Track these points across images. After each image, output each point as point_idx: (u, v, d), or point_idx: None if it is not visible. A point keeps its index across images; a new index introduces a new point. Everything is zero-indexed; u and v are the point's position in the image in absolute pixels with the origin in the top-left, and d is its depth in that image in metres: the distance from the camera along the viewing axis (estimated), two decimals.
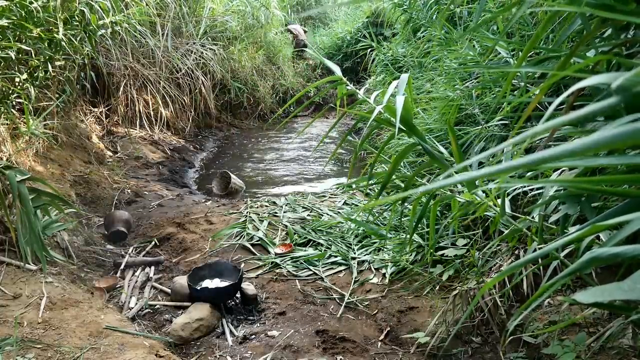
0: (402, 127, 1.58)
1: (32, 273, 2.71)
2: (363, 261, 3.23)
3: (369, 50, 7.02)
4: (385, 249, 3.28)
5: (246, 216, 3.96)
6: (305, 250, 3.43)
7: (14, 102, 3.37)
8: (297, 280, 3.08)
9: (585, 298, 0.64)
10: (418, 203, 2.00)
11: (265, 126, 8.20)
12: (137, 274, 3.22)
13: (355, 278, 3.04)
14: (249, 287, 2.90)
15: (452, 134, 1.53)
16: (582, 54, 1.26)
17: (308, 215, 4.03)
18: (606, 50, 1.12)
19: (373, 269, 3.12)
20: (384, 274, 3.03)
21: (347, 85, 1.80)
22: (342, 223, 3.77)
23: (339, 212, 4.05)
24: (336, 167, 6.27)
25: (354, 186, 4.26)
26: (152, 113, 6.37)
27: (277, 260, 3.29)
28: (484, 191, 1.72)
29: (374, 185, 3.15)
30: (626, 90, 0.50)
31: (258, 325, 2.69)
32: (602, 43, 1.21)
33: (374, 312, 2.72)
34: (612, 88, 0.49)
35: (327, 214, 4.02)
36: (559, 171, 1.50)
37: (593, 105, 0.47)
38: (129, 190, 4.62)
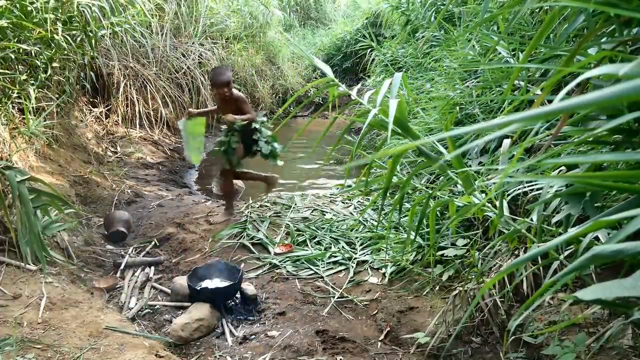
0: (396, 129, 1.55)
1: (32, 273, 2.70)
2: (363, 261, 3.22)
3: (368, 50, 7.02)
4: (385, 249, 3.27)
5: (247, 216, 3.96)
6: (305, 250, 3.43)
7: (14, 102, 3.36)
8: (296, 280, 3.08)
9: (587, 295, 0.64)
10: (418, 204, 2.00)
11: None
12: (137, 274, 3.22)
13: (355, 278, 3.04)
14: (248, 287, 2.90)
15: (450, 140, 1.49)
16: (585, 51, 1.25)
17: (309, 215, 4.03)
18: (609, 48, 1.11)
19: (373, 268, 3.11)
20: (383, 274, 3.02)
21: (340, 87, 1.78)
22: (342, 222, 3.77)
23: (339, 212, 4.05)
24: (338, 166, 6.26)
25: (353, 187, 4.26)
26: (152, 113, 6.36)
27: (277, 260, 3.29)
28: (483, 191, 1.71)
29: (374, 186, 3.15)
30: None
31: (258, 325, 2.68)
32: (609, 39, 1.21)
33: (374, 312, 2.71)
34: (619, 76, 0.48)
35: (327, 214, 4.01)
36: (557, 171, 1.49)
37: (598, 92, 0.47)
38: (128, 191, 4.61)
